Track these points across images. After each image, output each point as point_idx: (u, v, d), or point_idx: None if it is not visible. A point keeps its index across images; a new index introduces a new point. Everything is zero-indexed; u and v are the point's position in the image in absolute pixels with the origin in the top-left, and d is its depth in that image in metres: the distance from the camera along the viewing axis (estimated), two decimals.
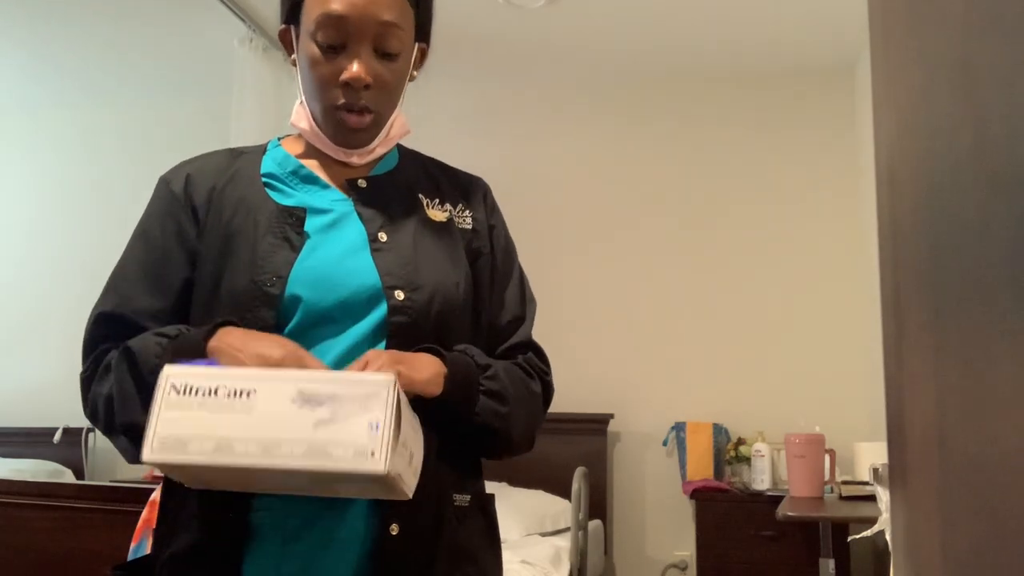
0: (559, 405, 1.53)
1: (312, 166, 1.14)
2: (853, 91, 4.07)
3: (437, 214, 1.15)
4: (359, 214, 1.10)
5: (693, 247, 4.16)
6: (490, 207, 1.22)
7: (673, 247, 4.18)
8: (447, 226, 1.14)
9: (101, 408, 1.01)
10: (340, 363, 1.00)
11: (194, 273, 1.08)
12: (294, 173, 1.13)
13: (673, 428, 3.99)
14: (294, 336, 1.00)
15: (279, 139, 1.19)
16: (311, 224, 1.07)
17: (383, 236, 1.08)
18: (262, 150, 1.17)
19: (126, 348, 0.99)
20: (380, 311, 1.04)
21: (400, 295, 1.04)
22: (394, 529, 0.98)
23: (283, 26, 1.13)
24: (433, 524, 1.01)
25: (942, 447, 0.40)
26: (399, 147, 1.22)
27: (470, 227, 1.17)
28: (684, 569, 3.94)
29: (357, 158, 1.13)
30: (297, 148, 1.16)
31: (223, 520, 0.89)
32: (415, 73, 1.15)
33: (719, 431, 3.92)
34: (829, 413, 3.75)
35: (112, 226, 4.71)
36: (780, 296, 4.05)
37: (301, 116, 1.13)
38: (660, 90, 4.30)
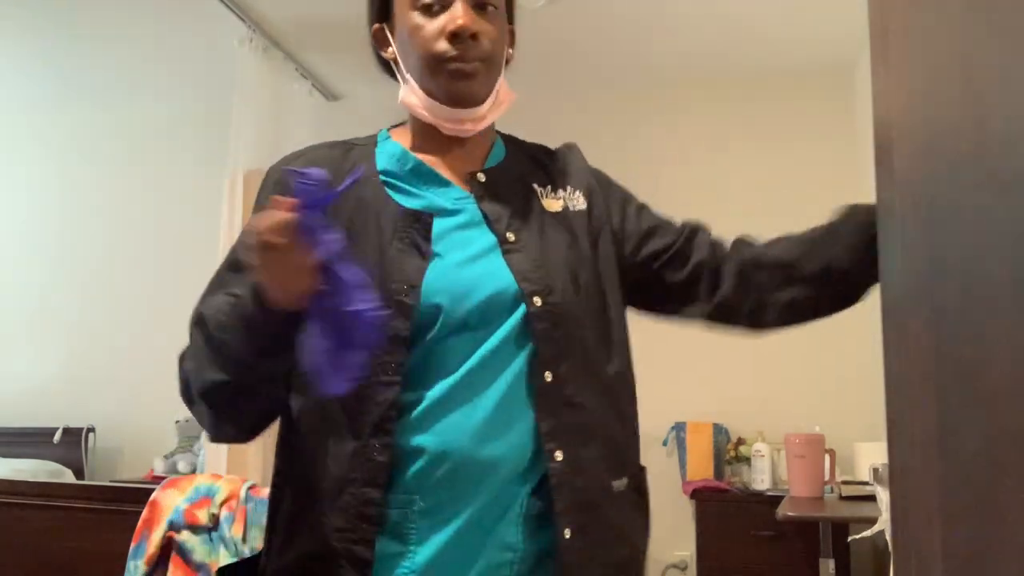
0: None
1: (430, 162, 1.09)
2: (853, 91, 4.06)
3: (552, 203, 1.12)
4: (484, 212, 1.06)
5: None
6: (591, 170, 1.20)
7: None
8: (564, 215, 1.11)
9: (189, 380, 0.99)
10: (478, 370, 0.98)
11: None
12: (413, 171, 1.09)
13: (673, 428, 3.98)
14: (430, 346, 0.98)
15: (388, 130, 1.15)
16: (439, 226, 1.03)
17: (511, 236, 1.05)
18: (372, 142, 1.13)
19: (198, 314, 0.97)
20: (518, 315, 1.01)
21: (538, 300, 1.01)
22: (567, 533, 0.97)
23: (376, 25, 1.12)
24: (593, 516, 1.01)
25: (942, 447, 0.40)
26: (501, 136, 1.19)
27: (584, 208, 1.14)
28: (684, 569, 3.94)
29: (471, 124, 1.08)
30: (408, 140, 1.12)
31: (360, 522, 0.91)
32: (511, 51, 1.14)
33: (719, 431, 3.92)
34: (829, 413, 3.74)
35: (112, 225, 4.73)
36: None
37: (409, 92, 1.08)
38: (660, 90, 4.29)
